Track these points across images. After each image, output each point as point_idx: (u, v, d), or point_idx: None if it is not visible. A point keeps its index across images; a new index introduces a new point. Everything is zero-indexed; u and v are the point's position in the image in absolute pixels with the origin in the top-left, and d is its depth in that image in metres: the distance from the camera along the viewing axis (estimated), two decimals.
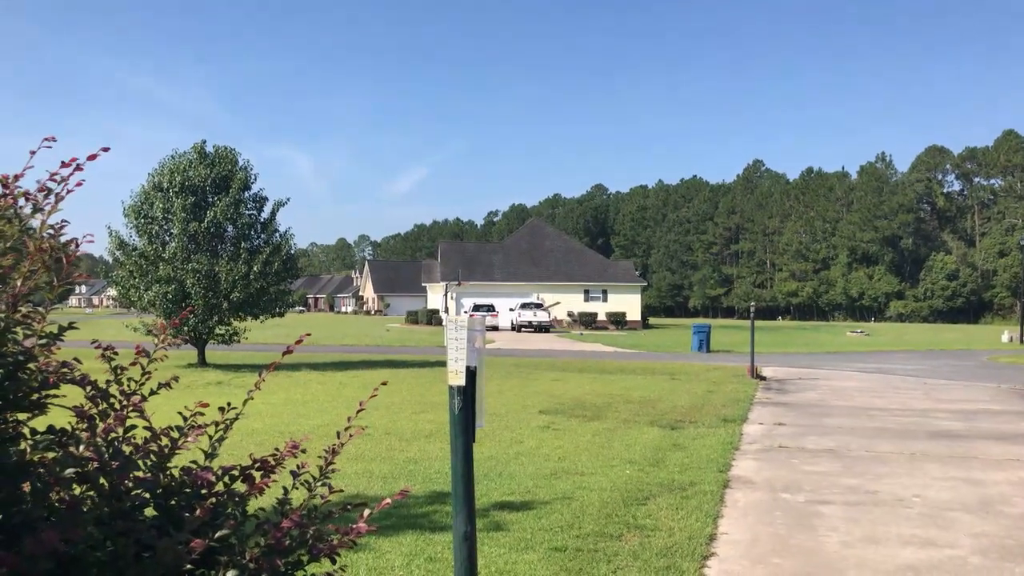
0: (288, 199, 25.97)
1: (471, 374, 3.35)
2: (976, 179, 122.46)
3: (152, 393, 2.21)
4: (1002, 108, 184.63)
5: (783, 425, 13.19)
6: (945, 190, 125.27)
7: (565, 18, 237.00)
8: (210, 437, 2.18)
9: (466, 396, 3.31)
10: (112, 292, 34.86)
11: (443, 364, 4.33)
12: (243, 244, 24.39)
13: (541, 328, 55.24)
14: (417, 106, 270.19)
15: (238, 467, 2.07)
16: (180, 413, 2.18)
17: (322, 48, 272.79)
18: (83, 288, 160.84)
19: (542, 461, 9.67)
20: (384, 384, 3.09)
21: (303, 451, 2.21)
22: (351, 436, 2.19)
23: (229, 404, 2.23)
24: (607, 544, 6.31)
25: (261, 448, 6.58)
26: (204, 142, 24.78)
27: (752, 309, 25.90)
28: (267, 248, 24.56)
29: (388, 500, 2.19)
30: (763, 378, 21.85)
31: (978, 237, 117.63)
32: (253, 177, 25.11)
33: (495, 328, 56.73)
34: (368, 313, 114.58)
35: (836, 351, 38.57)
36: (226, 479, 2.05)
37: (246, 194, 24.82)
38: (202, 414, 2.16)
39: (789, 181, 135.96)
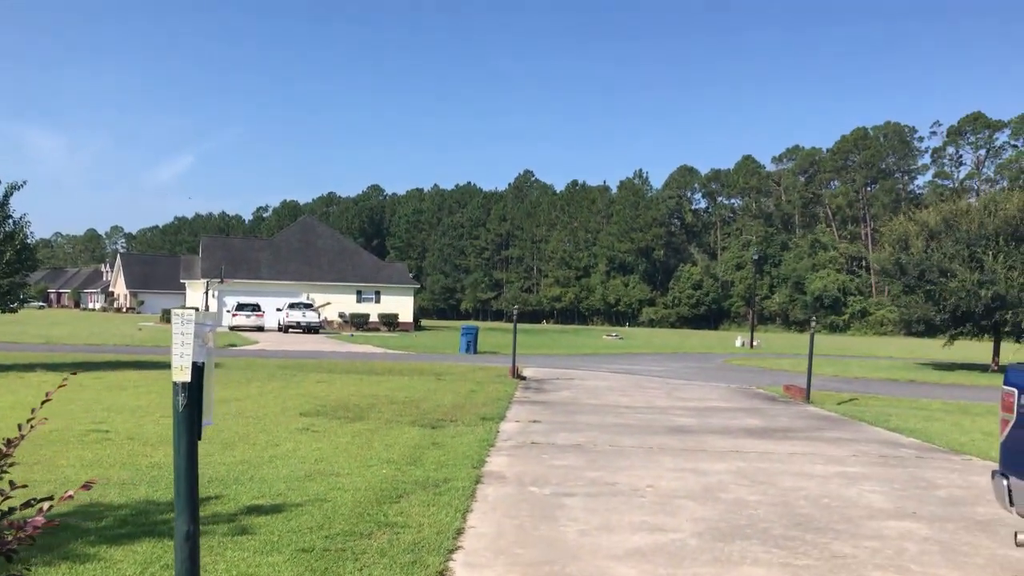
0: (25, 182, 23.43)
1: (198, 370, 3.24)
2: (719, 198, 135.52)
3: None
4: (741, 135, 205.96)
5: (538, 422, 13.82)
6: (693, 207, 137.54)
7: (359, 15, 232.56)
8: None
9: (191, 393, 3.20)
10: None
11: None
12: None
13: (310, 329, 53.95)
14: (186, 89, 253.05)
15: None
16: None
17: (75, 11, 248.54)
18: None
19: (297, 463, 9.47)
20: (74, 373, 2.90)
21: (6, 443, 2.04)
22: (32, 428, 2.05)
23: None
24: (356, 543, 6.30)
25: None
26: None
27: (515, 313, 26.90)
28: None
29: (71, 492, 2.07)
30: (524, 378, 22.76)
31: (719, 251, 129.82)
32: None
33: (260, 328, 54.70)
34: (119, 311, 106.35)
35: (592, 353, 40.99)
36: None
37: None
38: None
39: (556, 192, 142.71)
